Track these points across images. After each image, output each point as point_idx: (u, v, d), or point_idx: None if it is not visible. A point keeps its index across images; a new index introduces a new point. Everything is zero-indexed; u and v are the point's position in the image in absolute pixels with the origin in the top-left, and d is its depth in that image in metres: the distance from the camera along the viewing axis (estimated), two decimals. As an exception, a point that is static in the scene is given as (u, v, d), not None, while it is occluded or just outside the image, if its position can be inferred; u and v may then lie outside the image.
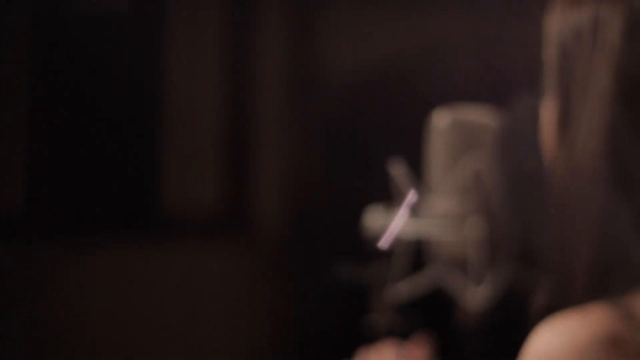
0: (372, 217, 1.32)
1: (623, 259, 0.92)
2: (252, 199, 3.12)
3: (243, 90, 3.09)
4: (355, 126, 3.15)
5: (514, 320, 1.80)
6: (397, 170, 1.28)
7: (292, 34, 3.13)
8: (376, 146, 3.10)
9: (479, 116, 1.26)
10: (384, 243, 1.26)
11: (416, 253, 1.29)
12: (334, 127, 3.18)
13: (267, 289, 3.07)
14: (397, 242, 1.28)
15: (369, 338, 1.33)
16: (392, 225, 1.28)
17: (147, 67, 2.96)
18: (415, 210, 1.29)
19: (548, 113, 1.05)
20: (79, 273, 2.97)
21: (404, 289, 1.28)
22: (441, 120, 1.25)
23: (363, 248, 1.35)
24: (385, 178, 3.04)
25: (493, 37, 3.11)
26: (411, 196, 1.27)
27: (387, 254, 1.33)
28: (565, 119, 0.99)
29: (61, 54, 2.88)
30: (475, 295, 1.22)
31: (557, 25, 1.02)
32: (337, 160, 3.18)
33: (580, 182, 0.94)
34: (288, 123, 3.15)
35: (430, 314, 1.28)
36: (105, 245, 3.03)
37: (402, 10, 3.13)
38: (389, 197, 1.52)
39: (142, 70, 2.95)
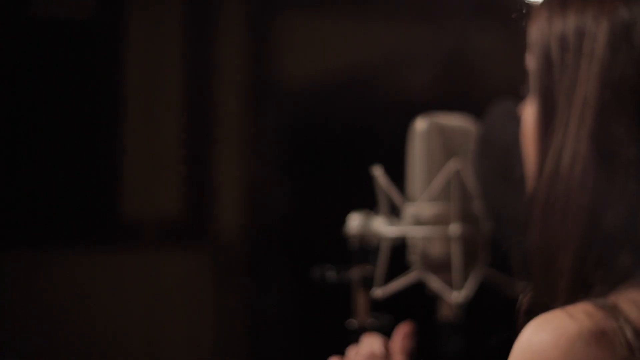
0: (354, 222, 1.35)
1: (606, 260, 0.96)
2: (213, 207, 3.12)
3: (204, 97, 3.09)
4: (317, 133, 3.17)
5: (492, 318, 1.84)
6: (379, 175, 1.30)
7: (252, 41, 3.14)
8: (338, 152, 3.12)
9: (459, 121, 1.29)
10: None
11: (399, 256, 1.32)
12: (296, 134, 3.19)
13: (230, 297, 3.08)
14: (380, 246, 1.31)
15: (350, 340, 1.36)
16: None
17: (105, 73, 2.95)
18: (397, 214, 1.32)
19: (530, 117, 1.08)
20: (38, 282, 2.94)
21: (386, 290, 1.31)
22: (422, 125, 1.28)
23: (344, 252, 1.38)
24: (348, 183, 3.07)
25: (452, 46, 3.15)
26: (397, 200, 1.29)
27: (369, 258, 1.36)
28: (549, 125, 1.02)
29: (18, 58, 2.86)
30: (456, 296, 1.25)
31: (541, 33, 1.05)
32: (300, 167, 3.19)
33: (566, 186, 0.97)
34: (249, 130, 3.16)
35: (412, 314, 1.31)
36: (65, 255, 3.01)
37: (364, 18, 3.15)
38: (357, 202, 1.55)
39: (100, 77, 2.94)
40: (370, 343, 1.22)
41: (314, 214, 3.03)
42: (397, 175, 1.56)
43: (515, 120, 1.23)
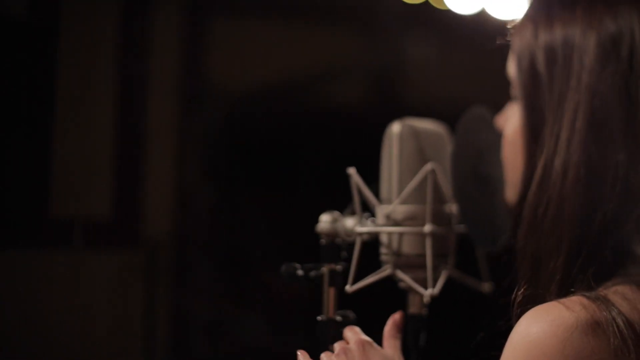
0: (325, 221, 1.40)
1: (594, 260, 1.02)
2: (144, 208, 3.13)
3: (136, 100, 3.10)
4: (249, 136, 3.20)
5: (459, 313, 1.90)
6: (354, 176, 1.35)
7: (185, 45, 3.16)
8: (275, 155, 3.16)
9: (432, 126, 1.35)
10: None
11: (372, 254, 1.37)
12: (227, 137, 3.22)
13: (158, 296, 3.09)
14: (354, 244, 1.36)
15: (319, 335, 1.40)
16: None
17: (39, 75, 2.94)
18: (371, 215, 1.37)
19: (515, 125, 1.14)
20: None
21: (357, 287, 1.35)
22: (397, 128, 1.34)
23: (315, 250, 1.42)
24: (287, 184, 3.09)
25: (383, 55, 3.22)
26: (372, 200, 1.34)
27: (340, 256, 1.41)
28: (537, 133, 1.07)
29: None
30: (428, 292, 1.30)
31: (527, 45, 1.11)
32: (233, 169, 3.22)
33: (559, 193, 1.03)
34: (181, 133, 3.17)
35: (383, 310, 1.36)
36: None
37: (298, 25, 3.20)
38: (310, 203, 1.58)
39: (33, 78, 2.93)
40: (357, 333, 1.27)
41: (280, 214, 3.06)
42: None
43: (488, 126, 1.30)
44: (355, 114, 3.26)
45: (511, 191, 1.16)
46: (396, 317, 1.30)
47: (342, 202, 1.44)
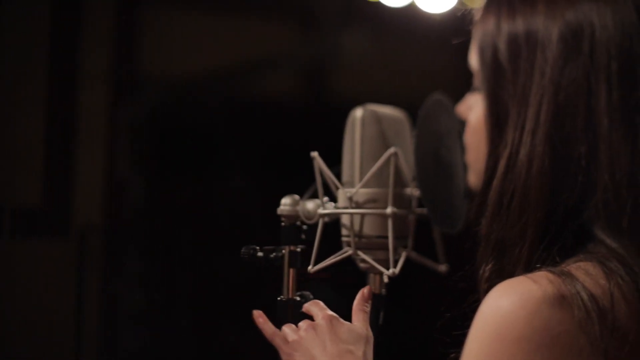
0: (285, 204, 1.43)
1: (557, 241, 1.08)
2: (75, 197, 3.12)
3: (67, 88, 3.09)
4: (179, 125, 3.21)
5: (417, 292, 1.95)
6: (317, 159, 1.39)
7: (117, 35, 3.15)
8: (204, 144, 3.18)
9: (393, 112, 1.40)
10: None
11: (332, 236, 1.42)
12: (157, 126, 3.23)
13: (89, 284, 3.08)
14: (317, 226, 1.40)
15: (280, 315, 1.44)
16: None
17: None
18: (333, 197, 1.42)
19: (478, 115, 1.18)
20: None
21: (319, 267, 1.40)
22: (359, 113, 1.38)
23: (275, 232, 1.46)
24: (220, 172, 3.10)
25: (316, 46, 3.26)
26: (335, 184, 1.39)
27: (300, 238, 1.45)
28: (501, 123, 1.12)
29: None
30: (389, 272, 1.35)
31: (490, 37, 1.14)
32: (163, 158, 3.23)
33: (524, 182, 1.08)
34: (112, 123, 3.17)
35: (344, 289, 1.41)
36: None
37: (232, 16, 3.22)
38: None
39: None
40: (323, 308, 1.31)
41: (241, 198, 3.08)
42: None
43: (448, 113, 1.35)
44: (287, 104, 3.30)
45: (474, 177, 1.21)
46: (365, 291, 1.34)
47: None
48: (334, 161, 1.43)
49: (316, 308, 1.33)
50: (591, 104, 1.06)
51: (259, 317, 1.35)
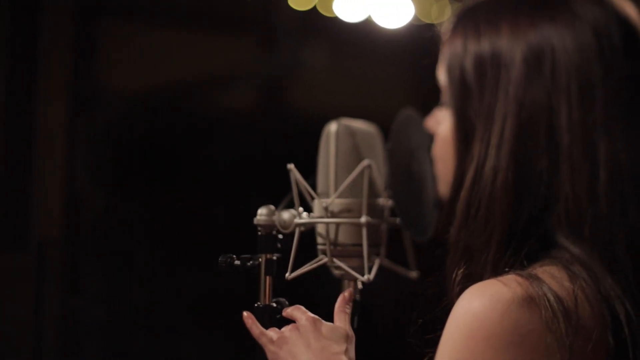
0: (262, 214, 1.49)
1: (521, 248, 1.15)
2: (32, 210, 3.13)
3: (25, 100, 3.10)
4: (137, 139, 3.24)
5: (389, 298, 2.01)
6: (294, 171, 1.45)
7: (76, 48, 3.17)
8: (166, 158, 3.21)
9: (366, 126, 1.46)
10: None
11: (306, 246, 1.47)
12: (116, 139, 3.25)
13: (48, 298, 3.10)
14: (294, 235, 1.46)
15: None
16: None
17: None
18: (309, 207, 1.47)
19: (446, 129, 1.24)
20: None
21: (295, 275, 1.45)
22: (334, 127, 1.44)
23: (252, 241, 1.51)
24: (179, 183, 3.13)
25: (274, 61, 3.32)
26: (310, 194, 1.45)
27: (276, 247, 1.50)
28: (467, 139, 1.19)
29: None
30: (364, 278, 1.41)
31: (457, 57, 1.21)
32: (123, 171, 3.25)
33: (489, 194, 1.15)
34: (71, 136, 3.19)
35: (319, 295, 1.47)
36: None
37: (192, 30, 3.26)
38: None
39: None
40: (305, 311, 1.37)
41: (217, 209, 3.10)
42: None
43: (418, 128, 1.42)
44: (244, 119, 3.35)
45: (443, 187, 1.27)
46: (346, 294, 1.40)
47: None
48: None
49: (298, 312, 1.38)
50: (553, 122, 1.14)
51: (248, 318, 1.40)
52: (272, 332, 1.38)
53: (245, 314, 1.40)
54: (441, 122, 1.26)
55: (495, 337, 1.06)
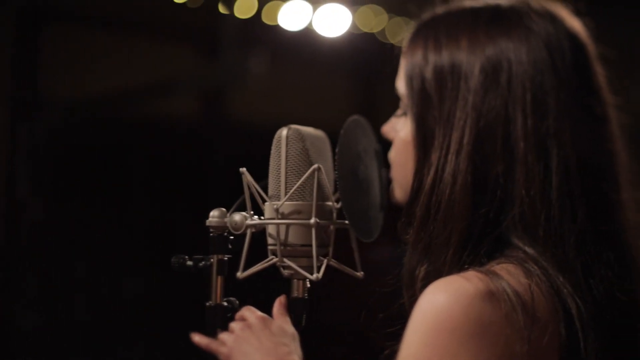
0: (214, 216, 1.54)
1: (479, 247, 1.22)
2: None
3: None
4: (78, 146, 3.26)
5: (336, 297, 2.06)
6: (246, 174, 1.50)
7: (17, 53, 3.19)
8: (106, 164, 3.23)
9: (316, 131, 1.52)
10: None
11: (260, 246, 1.53)
12: (57, 146, 3.27)
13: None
14: (245, 236, 1.51)
15: (208, 320, 1.54)
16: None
17: None
18: (260, 210, 1.53)
19: (405, 135, 1.31)
20: None
21: (247, 274, 1.51)
22: (284, 132, 1.50)
23: (204, 242, 1.57)
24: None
25: (216, 68, 3.36)
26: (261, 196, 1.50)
27: (227, 247, 1.55)
28: (427, 144, 1.25)
29: None
30: (314, 276, 1.47)
31: (418, 68, 1.27)
32: (63, 179, 3.26)
33: (449, 196, 1.22)
34: (9, 142, 3.19)
35: (270, 294, 1.52)
36: None
37: (135, 38, 3.29)
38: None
39: None
40: (254, 311, 1.43)
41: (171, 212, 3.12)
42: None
43: (366, 133, 1.48)
44: (185, 125, 3.39)
45: (400, 191, 1.34)
46: (281, 299, 1.46)
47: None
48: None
49: (248, 312, 1.44)
50: (509, 130, 1.21)
51: (195, 337, 1.45)
52: (224, 335, 1.43)
53: (193, 337, 1.45)
54: (399, 130, 1.32)
55: (459, 330, 1.12)
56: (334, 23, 3.23)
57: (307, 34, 3.21)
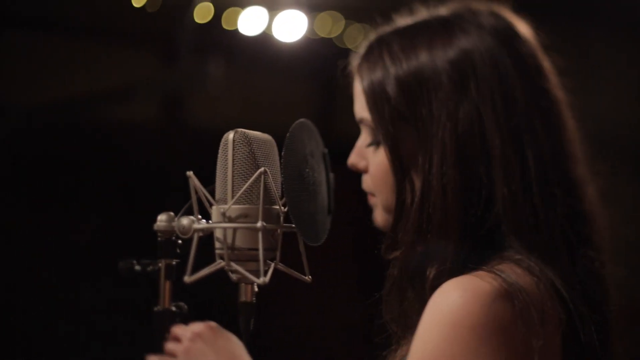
0: (162, 220, 1.54)
1: (474, 244, 1.23)
2: None
3: None
4: (31, 150, 3.24)
5: (284, 301, 2.06)
6: (193, 178, 1.50)
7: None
8: (54, 169, 3.21)
9: (263, 135, 1.52)
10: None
11: (205, 251, 1.53)
12: (15, 150, 3.24)
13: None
14: (192, 240, 1.51)
15: (156, 325, 1.54)
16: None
17: None
18: (207, 214, 1.53)
19: (382, 164, 1.30)
20: None
21: (194, 279, 1.50)
22: (231, 135, 1.50)
23: (152, 247, 1.56)
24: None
25: (174, 73, 3.36)
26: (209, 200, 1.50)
27: (176, 252, 1.55)
28: (409, 165, 1.25)
29: None
30: (261, 280, 1.47)
31: (381, 93, 1.26)
32: (12, 183, 3.24)
33: (441, 206, 1.22)
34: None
35: (217, 298, 1.52)
36: None
37: (93, 43, 3.28)
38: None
39: None
40: (186, 328, 1.43)
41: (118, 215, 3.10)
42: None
43: (312, 136, 1.48)
44: (143, 130, 3.38)
45: (383, 216, 1.33)
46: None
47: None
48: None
49: (196, 324, 1.44)
50: (484, 130, 1.22)
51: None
52: (173, 345, 1.43)
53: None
54: (370, 158, 1.31)
55: (479, 327, 1.14)
56: (292, 28, 3.23)
57: (265, 38, 3.22)
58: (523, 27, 1.30)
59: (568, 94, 1.31)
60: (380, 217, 1.31)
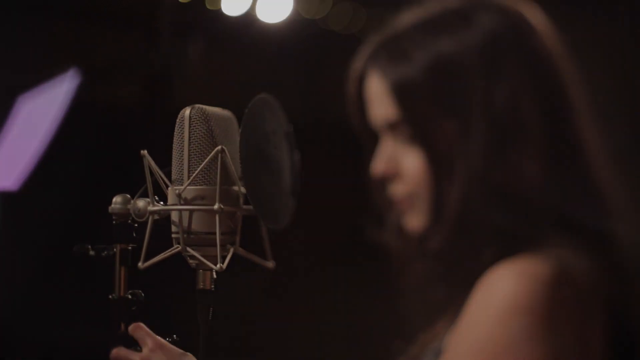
0: (117, 202, 1.46)
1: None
2: None
3: None
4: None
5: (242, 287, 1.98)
6: (147, 159, 1.42)
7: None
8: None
9: (222, 111, 1.44)
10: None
11: (165, 232, 1.44)
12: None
13: None
14: (147, 223, 1.42)
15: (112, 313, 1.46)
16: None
17: None
18: (162, 196, 1.44)
19: (416, 165, 1.20)
20: None
21: (149, 264, 1.42)
22: (187, 112, 1.41)
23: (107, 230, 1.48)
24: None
25: (157, 53, 3.28)
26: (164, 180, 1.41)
27: (131, 236, 1.47)
28: (447, 159, 1.15)
29: None
30: (217, 267, 1.39)
31: (410, 90, 1.15)
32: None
33: (484, 200, 1.13)
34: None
35: (173, 285, 1.44)
36: None
37: (75, 22, 3.21)
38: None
39: None
40: (148, 333, 1.35)
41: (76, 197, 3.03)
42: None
43: (273, 112, 1.39)
44: (124, 110, 3.31)
45: (420, 219, 1.21)
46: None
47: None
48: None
49: (141, 333, 1.37)
50: (521, 113, 1.13)
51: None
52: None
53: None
54: (401, 160, 1.20)
55: (541, 309, 1.07)
56: (276, 9, 3.15)
57: (249, 19, 3.13)
58: (536, 10, 1.22)
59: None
60: (417, 220, 1.20)
